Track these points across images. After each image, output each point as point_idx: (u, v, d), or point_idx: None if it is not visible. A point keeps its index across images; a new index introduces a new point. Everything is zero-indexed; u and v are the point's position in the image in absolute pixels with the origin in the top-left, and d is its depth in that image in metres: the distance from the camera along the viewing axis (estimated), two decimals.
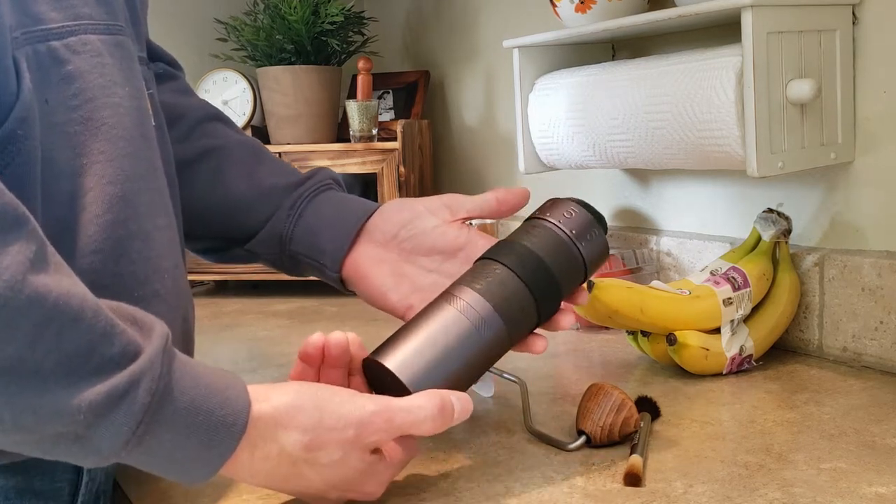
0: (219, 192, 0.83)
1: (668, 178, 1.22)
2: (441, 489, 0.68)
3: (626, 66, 1.05)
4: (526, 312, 0.69)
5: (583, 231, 0.70)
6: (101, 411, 0.50)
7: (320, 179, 0.84)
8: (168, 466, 0.55)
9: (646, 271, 1.18)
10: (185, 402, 0.53)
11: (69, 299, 0.50)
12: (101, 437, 0.51)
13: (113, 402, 0.50)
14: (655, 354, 0.96)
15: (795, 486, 0.65)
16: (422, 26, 1.77)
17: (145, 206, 0.64)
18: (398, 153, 1.51)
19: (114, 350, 0.51)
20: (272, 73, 1.62)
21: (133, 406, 0.51)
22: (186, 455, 0.54)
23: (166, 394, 0.52)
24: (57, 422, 0.50)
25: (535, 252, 0.69)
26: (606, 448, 0.74)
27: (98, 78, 0.61)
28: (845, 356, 0.97)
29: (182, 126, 0.84)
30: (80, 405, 0.49)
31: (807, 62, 0.92)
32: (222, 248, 0.86)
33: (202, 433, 0.54)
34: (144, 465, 0.54)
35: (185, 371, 0.54)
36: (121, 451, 0.52)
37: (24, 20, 0.57)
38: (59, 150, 0.58)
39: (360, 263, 0.80)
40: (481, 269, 0.70)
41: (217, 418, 0.54)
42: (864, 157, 0.96)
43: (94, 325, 0.50)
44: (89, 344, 0.50)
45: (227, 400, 0.55)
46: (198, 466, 0.55)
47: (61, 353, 0.49)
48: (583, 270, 0.71)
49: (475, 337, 0.66)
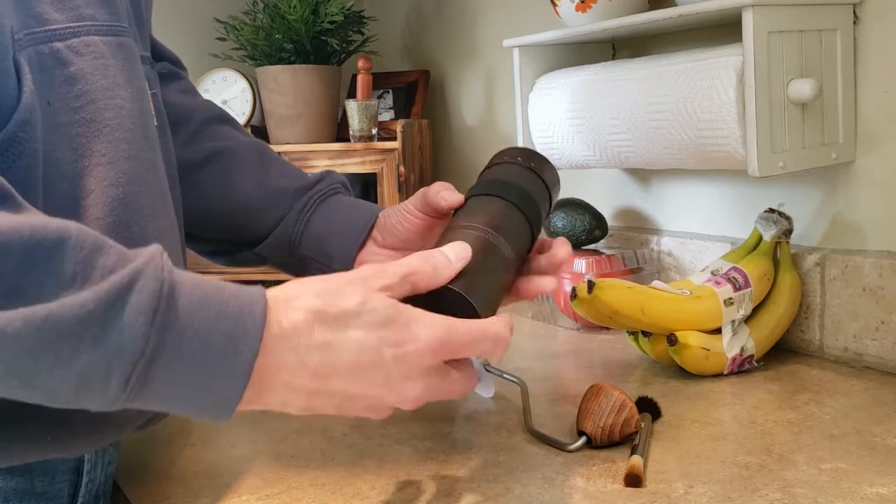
0: (227, 195, 0.83)
1: (668, 178, 1.22)
2: (441, 489, 0.68)
3: (627, 66, 1.05)
4: (525, 234, 0.71)
5: (539, 163, 0.76)
6: (111, 301, 0.48)
7: (329, 184, 0.84)
8: (202, 375, 0.50)
9: (646, 271, 1.18)
10: (197, 296, 0.51)
11: (46, 225, 0.49)
12: (119, 333, 0.48)
13: (121, 290, 0.48)
14: (656, 355, 0.96)
15: (796, 487, 0.65)
16: (422, 26, 1.76)
17: (147, 209, 0.63)
18: (398, 153, 1.50)
19: (111, 259, 0.50)
20: (272, 73, 1.62)
21: (142, 294, 0.49)
22: (215, 352, 0.50)
23: (174, 287, 0.50)
24: (70, 322, 0.47)
25: (517, 182, 0.73)
26: (607, 449, 0.74)
27: (101, 79, 0.61)
28: (846, 356, 0.97)
29: (188, 128, 0.84)
30: (87, 299, 0.47)
31: (808, 62, 0.92)
32: (231, 251, 0.86)
33: (227, 320, 0.51)
34: (173, 380, 0.50)
35: (185, 274, 0.52)
36: (144, 350, 0.48)
37: (28, 21, 0.57)
38: (60, 151, 0.58)
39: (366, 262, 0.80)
40: (479, 204, 0.71)
41: (235, 306, 0.52)
42: (865, 156, 0.96)
43: (83, 242, 0.49)
44: (84, 259, 0.49)
45: (239, 290, 0.53)
46: (231, 363, 0.51)
47: (58, 273, 0.48)
48: (548, 196, 0.76)
49: (487, 253, 0.66)
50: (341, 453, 0.77)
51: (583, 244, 1.21)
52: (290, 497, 0.68)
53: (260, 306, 0.53)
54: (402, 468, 0.72)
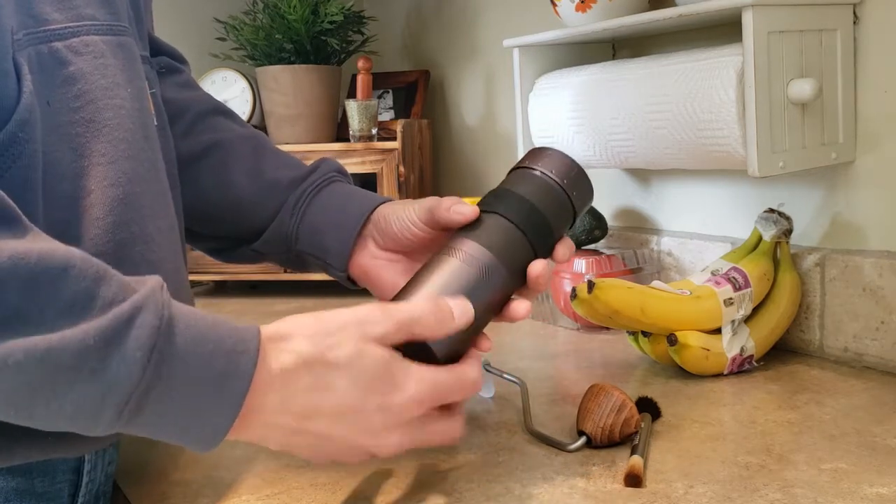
0: (223, 189, 0.83)
1: (668, 178, 1.22)
2: (441, 489, 0.68)
3: (627, 66, 1.05)
4: (525, 257, 0.70)
5: (572, 180, 0.72)
6: (110, 336, 0.49)
7: (324, 172, 0.83)
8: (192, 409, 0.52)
9: (646, 271, 1.18)
10: (193, 333, 0.52)
11: (53, 253, 0.50)
12: (117, 366, 0.49)
13: (121, 325, 0.49)
14: (656, 355, 0.96)
15: (796, 487, 0.65)
16: (422, 26, 1.76)
17: (147, 209, 0.63)
18: (398, 153, 1.50)
19: (111, 290, 0.51)
20: (271, 73, 1.62)
21: (142, 329, 0.50)
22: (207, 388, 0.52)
23: (172, 324, 0.51)
24: (70, 355, 0.48)
25: (528, 200, 0.71)
26: (607, 449, 0.74)
27: (100, 79, 0.61)
28: (846, 356, 0.97)
29: (185, 121, 0.83)
30: (87, 333, 0.49)
31: (808, 62, 0.92)
32: (229, 247, 0.85)
33: (220, 357, 0.52)
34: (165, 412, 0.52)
35: (183, 309, 0.54)
36: (139, 384, 0.50)
37: (27, 21, 0.57)
38: (60, 151, 0.58)
39: (365, 262, 0.79)
40: (478, 221, 0.71)
41: (229, 344, 0.53)
42: (865, 156, 0.96)
43: (86, 272, 0.50)
44: (85, 290, 0.50)
45: (234, 328, 0.54)
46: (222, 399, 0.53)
47: (59, 301, 0.49)
48: (572, 215, 0.73)
49: (483, 283, 0.67)
50: None
51: (583, 244, 1.21)
52: (290, 497, 0.68)
53: (253, 345, 0.54)
54: (402, 468, 0.72)
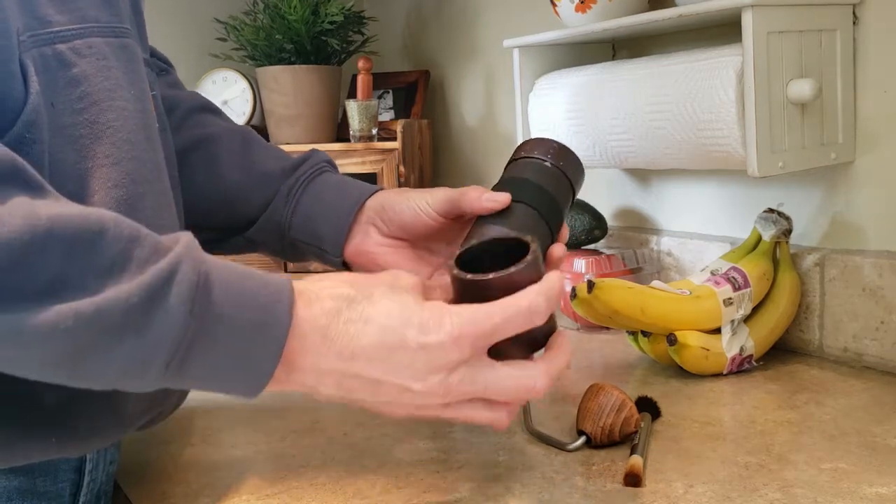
0: (214, 180, 0.84)
1: (668, 178, 1.22)
2: (441, 489, 0.68)
3: (627, 66, 1.05)
4: (547, 242, 0.72)
5: (568, 162, 0.75)
6: (153, 293, 0.50)
7: (315, 163, 0.84)
8: (236, 357, 0.53)
9: (646, 271, 1.18)
10: (230, 282, 0.53)
11: (89, 215, 0.51)
12: (161, 322, 0.50)
13: (161, 282, 0.50)
14: (656, 354, 0.96)
15: (796, 487, 0.65)
16: (422, 26, 1.77)
17: (150, 209, 0.64)
18: (398, 153, 1.51)
19: (146, 249, 0.52)
20: (272, 73, 1.62)
21: (181, 285, 0.51)
22: (249, 333, 0.53)
23: (209, 277, 0.52)
24: (117, 315, 0.49)
25: (541, 186, 0.73)
26: (607, 448, 0.74)
27: (103, 81, 0.61)
28: (846, 356, 0.97)
29: (174, 117, 0.84)
30: (130, 292, 0.50)
31: (807, 62, 0.92)
32: (221, 238, 0.86)
33: (259, 301, 0.53)
34: (209, 363, 0.52)
35: (217, 262, 0.54)
36: (184, 337, 0.51)
37: (31, 23, 0.57)
38: (64, 153, 0.58)
39: (370, 248, 0.80)
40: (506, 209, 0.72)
41: (265, 295, 0.54)
42: (865, 156, 0.96)
43: (121, 233, 0.51)
44: (123, 251, 0.51)
45: (267, 278, 0.55)
46: (266, 342, 0.53)
47: (99, 264, 0.50)
48: (571, 195, 0.76)
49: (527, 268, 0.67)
50: (341, 453, 0.77)
51: (583, 244, 1.21)
52: (290, 497, 0.68)
53: (287, 288, 0.55)
54: (402, 467, 0.72)
